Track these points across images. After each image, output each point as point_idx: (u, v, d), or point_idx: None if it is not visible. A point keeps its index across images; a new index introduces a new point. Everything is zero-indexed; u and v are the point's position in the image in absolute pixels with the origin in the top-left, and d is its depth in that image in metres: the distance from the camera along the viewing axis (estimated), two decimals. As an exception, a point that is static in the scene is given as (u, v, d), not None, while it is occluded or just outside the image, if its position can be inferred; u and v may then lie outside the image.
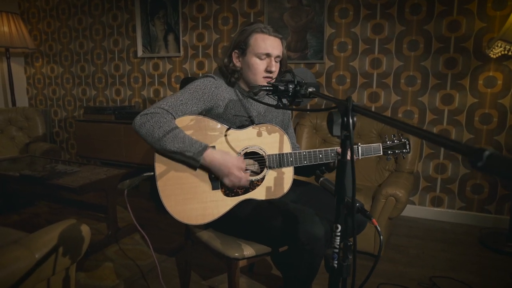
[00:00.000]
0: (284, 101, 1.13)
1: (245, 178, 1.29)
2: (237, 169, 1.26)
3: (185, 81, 2.95)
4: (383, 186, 2.09)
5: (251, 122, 1.41)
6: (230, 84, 1.42)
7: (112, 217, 2.30)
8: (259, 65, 1.37)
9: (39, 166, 2.53)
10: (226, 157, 1.26)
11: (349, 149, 1.32)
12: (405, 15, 2.66)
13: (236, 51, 1.40)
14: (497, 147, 2.57)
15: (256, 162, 1.41)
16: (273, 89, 1.07)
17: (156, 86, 3.64)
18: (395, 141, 1.43)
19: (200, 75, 3.40)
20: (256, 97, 1.41)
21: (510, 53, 2.20)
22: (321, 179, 1.12)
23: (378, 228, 0.90)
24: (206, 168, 1.31)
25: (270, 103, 1.49)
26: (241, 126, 1.39)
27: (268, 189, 1.36)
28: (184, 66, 3.47)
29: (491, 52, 2.24)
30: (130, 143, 3.22)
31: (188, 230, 1.57)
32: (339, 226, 0.82)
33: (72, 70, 4.05)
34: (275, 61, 1.38)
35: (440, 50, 2.61)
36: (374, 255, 2.15)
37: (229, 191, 1.34)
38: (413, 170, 2.42)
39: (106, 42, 3.80)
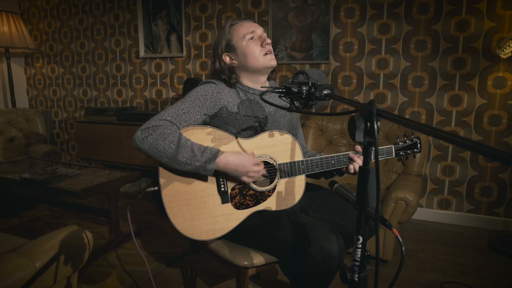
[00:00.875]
0: (295, 103, 1.07)
1: (263, 171, 1.24)
2: (254, 165, 1.21)
3: (188, 82, 2.90)
4: (392, 190, 2.04)
5: (259, 123, 1.35)
6: (232, 85, 1.35)
7: (115, 222, 2.25)
8: (253, 46, 1.31)
9: (40, 169, 2.48)
10: (240, 157, 1.20)
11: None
12: (412, 14, 2.61)
13: (225, 53, 1.35)
14: (506, 149, 2.52)
15: (266, 173, 1.35)
16: (286, 91, 1.02)
17: (158, 87, 3.59)
18: (407, 141, 1.38)
19: (204, 76, 3.35)
20: (266, 99, 1.36)
21: (521, 53, 2.15)
22: (335, 185, 1.07)
23: (400, 238, 0.85)
24: (214, 180, 1.26)
25: (281, 104, 1.44)
26: (248, 128, 1.33)
27: (279, 199, 1.31)
28: (186, 66, 3.42)
29: (502, 53, 2.19)
30: (132, 145, 3.16)
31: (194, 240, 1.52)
32: (361, 238, 0.77)
33: (73, 70, 4.00)
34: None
35: (448, 50, 2.56)
36: (383, 260, 2.10)
37: (240, 204, 1.29)
38: (421, 173, 2.37)
39: (107, 42, 3.75)
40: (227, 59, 1.35)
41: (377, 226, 0.74)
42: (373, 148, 0.72)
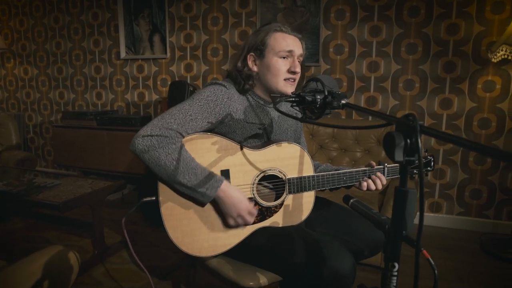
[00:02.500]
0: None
1: (251, 221, 1.17)
2: (248, 214, 1.14)
3: (174, 85, 2.77)
4: (389, 197, 2.00)
5: (265, 130, 1.26)
6: (243, 91, 1.24)
7: (99, 235, 2.10)
8: (281, 65, 1.19)
9: (14, 178, 2.29)
10: (242, 198, 1.13)
11: (380, 175, 1.20)
12: (403, 17, 2.59)
13: (252, 53, 1.23)
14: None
15: (272, 189, 1.27)
16: (299, 101, 0.94)
17: (141, 90, 3.44)
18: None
19: (189, 79, 3.23)
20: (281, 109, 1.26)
21: (510, 57, 2.17)
22: (351, 200, 0.99)
23: (432, 261, 0.79)
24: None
25: (291, 113, 1.35)
26: (254, 136, 1.23)
27: (286, 215, 1.23)
28: (170, 68, 3.28)
29: (494, 57, 2.19)
30: (113, 151, 3.01)
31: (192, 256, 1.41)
32: (397, 265, 0.70)
33: (48, 72, 3.78)
34: (298, 61, 1.23)
35: (438, 54, 2.56)
36: (380, 267, 2.06)
37: None
38: (414, 176, 2.35)
39: (85, 42, 3.56)
40: (250, 60, 1.23)
41: (417, 256, 0.67)
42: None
